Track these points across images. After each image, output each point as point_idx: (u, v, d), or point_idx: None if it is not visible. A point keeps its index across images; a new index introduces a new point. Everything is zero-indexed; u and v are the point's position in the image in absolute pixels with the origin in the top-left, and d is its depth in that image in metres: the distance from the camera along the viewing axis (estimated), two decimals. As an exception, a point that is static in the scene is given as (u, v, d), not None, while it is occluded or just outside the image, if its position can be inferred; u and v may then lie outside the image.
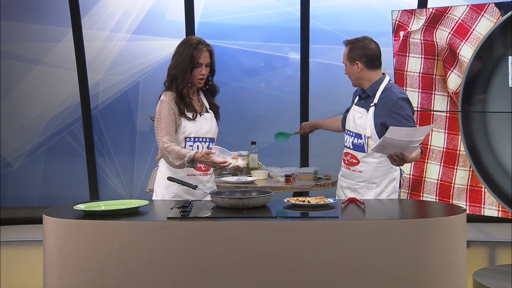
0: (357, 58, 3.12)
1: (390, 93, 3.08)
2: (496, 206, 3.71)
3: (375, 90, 3.12)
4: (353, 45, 3.15)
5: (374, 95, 3.12)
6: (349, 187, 3.19)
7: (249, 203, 2.59)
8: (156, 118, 3.03)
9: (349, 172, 3.18)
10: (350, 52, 3.15)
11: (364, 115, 3.13)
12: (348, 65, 3.17)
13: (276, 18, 4.87)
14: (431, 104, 3.88)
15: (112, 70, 4.93)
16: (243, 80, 4.96)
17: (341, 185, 3.27)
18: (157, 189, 3.10)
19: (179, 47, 3.06)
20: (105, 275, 2.36)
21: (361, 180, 3.14)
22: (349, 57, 3.16)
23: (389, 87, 3.11)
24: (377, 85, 3.13)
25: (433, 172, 3.91)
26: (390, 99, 3.05)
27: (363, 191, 3.13)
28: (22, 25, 4.92)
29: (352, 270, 2.32)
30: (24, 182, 5.06)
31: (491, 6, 3.60)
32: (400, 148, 2.80)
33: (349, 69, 3.17)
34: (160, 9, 4.90)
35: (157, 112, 3.03)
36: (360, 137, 3.11)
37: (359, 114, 3.15)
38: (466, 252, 2.50)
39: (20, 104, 5.01)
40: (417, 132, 2.76)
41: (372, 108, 3.10)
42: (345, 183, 3.22)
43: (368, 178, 3.12)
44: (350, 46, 3.16)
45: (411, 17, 3.87)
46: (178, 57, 3.02)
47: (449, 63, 3.78)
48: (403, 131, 2.77)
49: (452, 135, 3.83)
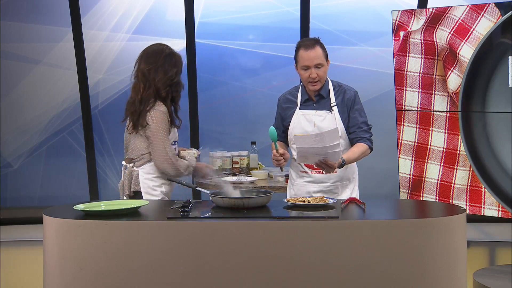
0: (327, 56, 3.10)
1: (345, 89, 3.14)
2: (496, 206, 3.71)
3: (327, 90, 3.13)
4: (321, 43, 3.08)
5: (328, 95, 3.12)
6: (321, 190, 3.13)
7: (249, 203, 2.59)
8: (156, 128, 3.07)
9: (321, 176, 3.13)
10: (323, 50, 3.07)
11: (328, 116, 3.10)
12: (325, 64, 3.08)
13: (276, 18, 4.87)
14: (431, 104, 3.88)
15: (112, 70, 4.93)
16: (243, 80, 4.96)
17: (307, 191, 3.15)
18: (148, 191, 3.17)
19: (176, 59, 3.17)
20: (105, 275, 2.36)
21: (336, 180, 3.14)
22: (325, 55, 3.08)
23: (338, 84, 3.16)
24: (326, 85, 3.14)
25: (433, 172, 3.91)
26: (346, 96, 3.11)
27: (339, 191, 3.14)
28: (22, 25, 4.92)
29: (352, 270, 2.32)
30: (24, 182, 5.06)
31: (491, 6, 3.60)
32: (320, 155, 2.81)
33: (326, 69, 3.09)
34: (160, 9, 4.90)
35: (158, 122, 3.07)
36: None
37: (320, 117, 3.10)
38: (466, 252, 2.50)
39: (20, 104, 5.01)
40: (324, 137, 2.77)
41: (335, 107, 3.09)
42: (315, 188, 3.15)
43: (342, 176, 3.14)
44: (320, 44, 3.07)
45: (411, 17, 3.87)
46: (176, 69, 3.15)
47: (449, 63, 3.78)
48: (309, 138, 2.80)
49: (452, 135, 3.83)
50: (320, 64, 3.04)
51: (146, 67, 3.11)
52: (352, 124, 3.11)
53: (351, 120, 3.11)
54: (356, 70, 4.81)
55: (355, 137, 3.10)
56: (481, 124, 3.72)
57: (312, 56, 3.02)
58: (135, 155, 3.19)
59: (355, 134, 3.10)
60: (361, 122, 3.11)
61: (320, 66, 3.04)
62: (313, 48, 3.02)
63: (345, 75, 4.80)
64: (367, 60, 4.81)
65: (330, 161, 2.84)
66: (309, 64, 3.03)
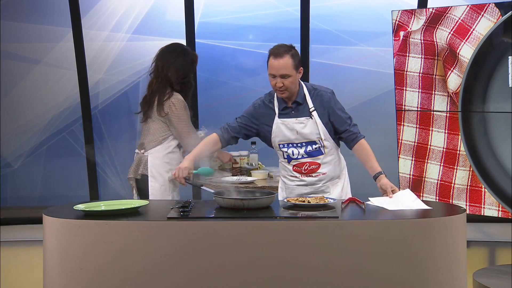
0: (299, 65, 3.04)
1: (320, 91, 3.12)
2: (496, 206, 3.71)
3: (303, 95, 3.10)
4: (294, 51, 3.01)
5: (305, 101, 3.10)
6: (313, 192, 3.15)
7: (249, 204, 2.59)
8: (178, 113, 3.37)
9: (312, 179, 3.14)
10: (294, 60, 2.99)
11: (309, 122, 3.09)
12: (293, 75, 2.99)
13: (276, 18, 4.86)
14: (431, 104, 3.88)
15: (112, 70, 4.93)
16: (243, 80, 4.96)
17: (299, 193, 3.15)
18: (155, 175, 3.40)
19: (191, 56, 3.49)
20: (105, 275, 2.36)
21: (327, 180, 3.15)
22: (294, 66, 2.99)
23: (313, 87, 3.14)
24: (301, 91, 3.11)
25: (433, 172, 3.91)
26: (324, 97, 3.11)
27: (330, 189, 3.16)
28: (22, 25, 4.92)
29: (352, 270, 2.33)
30: (24, 182, 5.06)
31: (491, 6, 3.60)
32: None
33: (294, 79, 3.01)
34: (160, 9, 4.90)
35: (179, 107, 3.38)
36: (314, 143, 3.10)
37: (301, 125, 3.09)
38: (466, 252, 2.50)
39: (20, 104, 5.01)
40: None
41: (314, 112, 3.08)
42: (306, 190, 3.15)
43: (333, 175, 3.16)
44: (292, 53, 2.98)
45: (411, 17, 3.87)
46: (191, 65, 3.49)
47: (449, 63, 3.78)
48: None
49: (452, 135, 3.83)
50: (286, 75, 2.97)
51: (160, 63, 3.44)
52: (340, 124, 3.12)
53: (338, 121, 3.11)
54: (356, 70, 4.81)
55: (349, 135, 3.12)
56: (481, 124, 3.72)
57: (278, 66, 2.96)
58: (148, 140, 3.45)
59: (348, 132, 3.12)
60: (347, 119, 3.14)
61: (286, 76, 2.98)
62: (282, 57, 2.96)
63: (345, 75, 4.81)
64: (367, 60, 4.81)
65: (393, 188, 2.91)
66: (275, 73, 2.98)
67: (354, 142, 3.12)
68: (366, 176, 3.19)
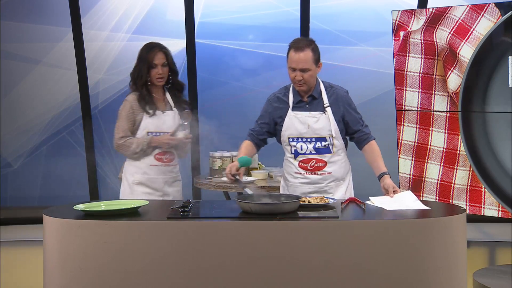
0: (319, 60, 3.06)
1: (336, 89, 3.16)
2: (496, 206, 3.71)
3: (319, 90, 3.13)
4: (314, 45, 3.04)
5: (320, 96, 3.12)
6: (316, 191, 3.13)
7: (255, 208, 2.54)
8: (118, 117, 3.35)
9: (316, 177, 3.13)
10: (314, 54, 3.02)
11: (322, 117, 3.10)
12: (313, 69, 3.02)
13: (276, 18, 4.87)
14: (431, 104, 3.88)
15: (112, 70, 4.93)
16: (243, 80, 4.96)
17: (302, 192, 3.12)
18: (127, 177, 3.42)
19: (139, 52, 3.38)
20: (105, 275, 2.36)
21: (331, 180, 3.15)
22: (314, 60, 3.02)
23: (330, 85, 3.17)
24: (318, 86, 3.14)
25: (433, 172, 3.91)
26: (340, 95, 3.14)
27: (333, 190, 3.15)
28: (22, 25, 4.92)
29: (352, 270, 2.33)
30: (24, 182, 5.06)
31: (491, 6, 3.60)
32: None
33: (313, 73, 3.04)
34: (160, 9, 4.90)
35: (119, 111, 3.35)
36: (324, 139, 3.10)
37: (314, 119, 3.10)
38: (466, 252, 2.50)
39: (20, 104, 5.01)
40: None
41: (328, 108, 3.10)
42: (310, 189, 3.14)
43: (338, 176, 3.16)
44: (312, 47, 3.02)
45: (411, 17, 3.87)
46: (137, 61, 3.36)
47: (449, 63, 3.78)
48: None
49: (452, 135, 3.83)
50: (306, 68, 3.00)
51: None
52: (354, 123, 3.15)
53: (351, 120, 3.14)
54: (356, 70, 4.81)
55: (362, 135, 3.16)
56: (481, 124, 3.72)
57: (298, 59, 2.99)
58: None
59: (360, 132, 3.15)
60: (360, 119, 3.18)
61: (306, 70, 3.00)
62: (303, 51, 2.98)
63: (345, 75, 4.81)
64: (367, 60, 4.81)
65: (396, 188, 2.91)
66: (295, 67, 3.01)
67: (365, 143, 3.14)
68: (368, 178, 3.20)
